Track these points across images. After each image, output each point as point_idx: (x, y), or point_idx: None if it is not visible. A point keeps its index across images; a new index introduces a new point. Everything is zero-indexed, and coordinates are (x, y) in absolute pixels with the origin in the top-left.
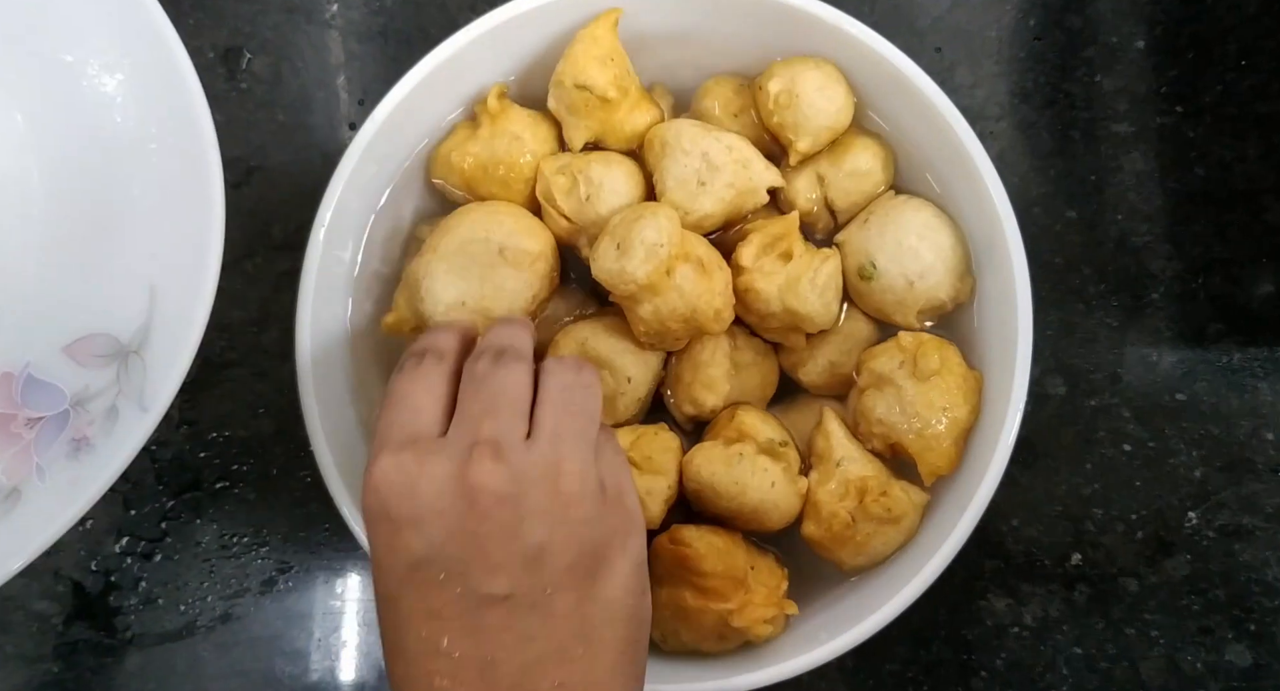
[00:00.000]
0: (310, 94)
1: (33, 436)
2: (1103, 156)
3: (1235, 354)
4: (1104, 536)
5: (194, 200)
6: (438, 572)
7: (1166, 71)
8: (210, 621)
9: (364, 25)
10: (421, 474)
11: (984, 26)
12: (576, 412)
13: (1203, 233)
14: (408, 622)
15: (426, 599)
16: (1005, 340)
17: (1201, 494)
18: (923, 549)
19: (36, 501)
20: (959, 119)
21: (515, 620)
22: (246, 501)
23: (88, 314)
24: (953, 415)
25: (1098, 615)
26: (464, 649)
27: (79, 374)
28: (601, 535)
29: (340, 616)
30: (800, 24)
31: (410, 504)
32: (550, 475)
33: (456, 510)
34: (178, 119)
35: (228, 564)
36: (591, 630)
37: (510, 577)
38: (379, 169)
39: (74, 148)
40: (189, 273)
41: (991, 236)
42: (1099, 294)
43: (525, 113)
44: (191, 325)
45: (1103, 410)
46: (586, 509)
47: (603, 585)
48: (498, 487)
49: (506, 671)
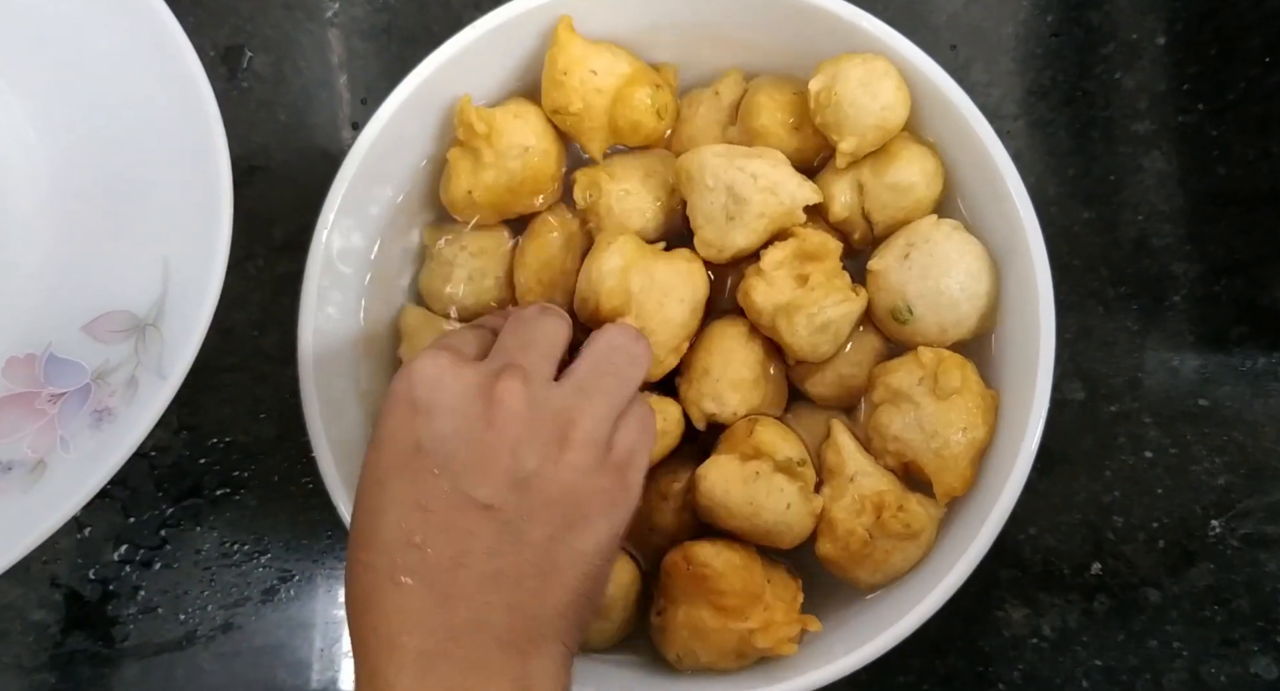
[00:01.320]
0: (312, 93)
1: (56, 411)
2: (1122, 156)
3: (1259, 358)
4: (1124, 545)
5: (202, 171)
6: (434, 464)
7: (1188, 68)
8: (210, 631)
9: (366, 23)
10: (452, 374)
11: (1000, 23)
12: (611, 373)
13: (1225, 233)
14: (389, 508)
15: (415, 487)
16: (1026, 349)
17: (1225, 502)
18: (939, 562)
19: (62, 471)
20: (980, 119)
21: (490, 530)
22: (247, 508)
23: (105, 292)
24: (971, 435)
25: (1118, 626)
26: (436, 546)
27: (99, 350)
28: (590, 492)
29: (343, 626)
30: (815, 21)
31: (432, 394)
32: (564, 417)
33: (472, 413)
34: (182, 99)
35: (228, 572)
36: (552, 567)
37: (497, 490)
38: (384, 169)
39: (82, 133)
40: (201, 244)
41: (1013, 240)
42: (1118, 297)
43: (511, 112)
44: (206, 295)
45: (1123, 416)
46: (584, 460)
47: (576, 534)
48: (515, 406)
49: (467, 578)
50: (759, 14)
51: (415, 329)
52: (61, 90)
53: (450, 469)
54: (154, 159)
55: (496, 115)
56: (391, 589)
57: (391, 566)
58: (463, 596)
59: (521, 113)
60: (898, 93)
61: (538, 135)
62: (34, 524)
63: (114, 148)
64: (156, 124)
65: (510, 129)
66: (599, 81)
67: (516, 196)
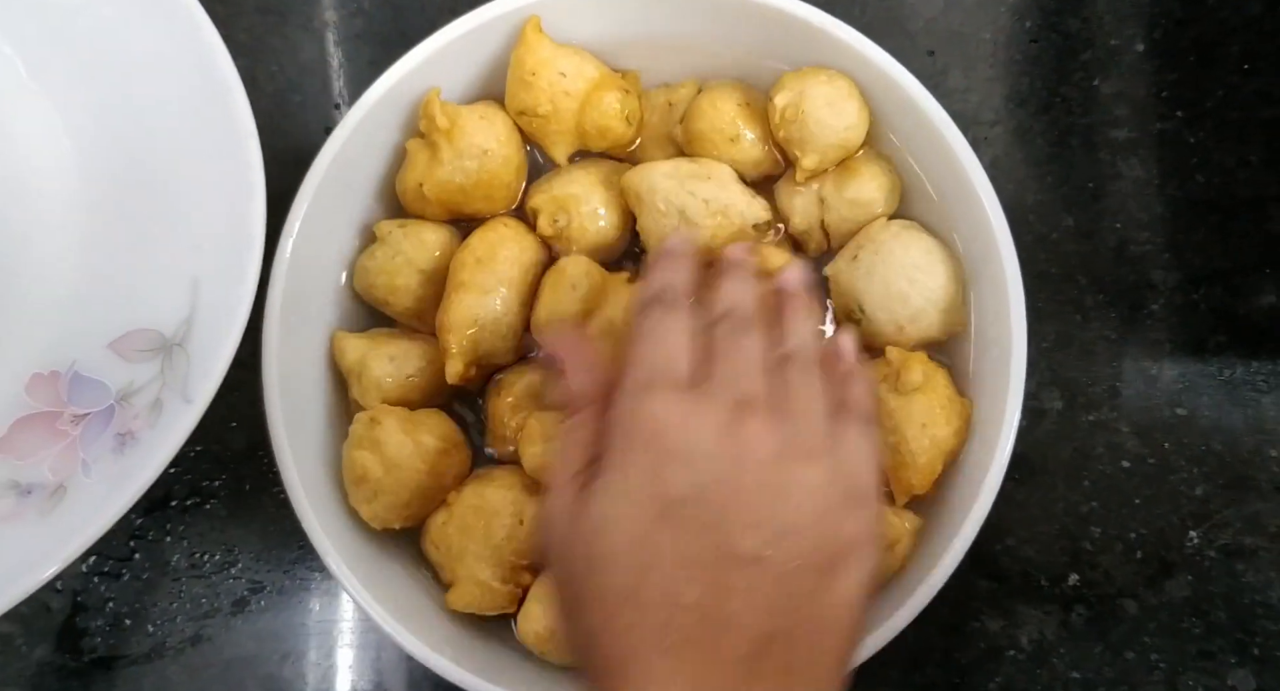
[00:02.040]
0: (286, 98)
1: (78, 433)
2: (1101, 163)
3: (1238, 367)
4: (1102, 556)
5: (235, 190)
6: (698, 516)
7: (1167, 75)
8: (180, 643)
9: (342, 28)
10: (698, 414)
11: (978, 29)
12: (816, 396)
13: (1204, 241)
14: (655, 566)
15: (681, 542)
16: (999, 356)
17: (1203, 512)
18: (914, 573)
19: (82, 497)
20: (949, 125)
21: (762, 585)
22: (218, 518)
23: (132, 310)
24: (932, 433)
25: (1096, 638)
26: (709, 604)
27: (124, 369)
28: (843, 534)
29: (315, 637)
30: (788, 28)
31: (684, 439)
32: (808, 451)
33: (728, 457)
34: (216, 112)
35: (198, 583)
36: (823, 622)
37: (764, 541)
38: (354, 176)
39: (117, 148)
40: (231, 263)
41: (985, 248)
42: (1097, 305)
43: (478, 113)
44: (235, 316)
45: (1101, 425)
46: (837, 494)
47: (839, 581)
48: (769, 447)
49: (740, 639)
50: (730, 21)
51: (358, 361)
52: (97, 102)
53: (712, 522)
54: (188, 176)
55: (462, 113)
56: (657, 655)
57: (661, 625)
58: (737, 661)
59: (488, 115)
60: (860, 113)
61: (500, 140)
62: (51, 552)
63: (148, 164)
64: (192, 142)
65: (473, 129)
66: (567, 84)
67: (468, 198)
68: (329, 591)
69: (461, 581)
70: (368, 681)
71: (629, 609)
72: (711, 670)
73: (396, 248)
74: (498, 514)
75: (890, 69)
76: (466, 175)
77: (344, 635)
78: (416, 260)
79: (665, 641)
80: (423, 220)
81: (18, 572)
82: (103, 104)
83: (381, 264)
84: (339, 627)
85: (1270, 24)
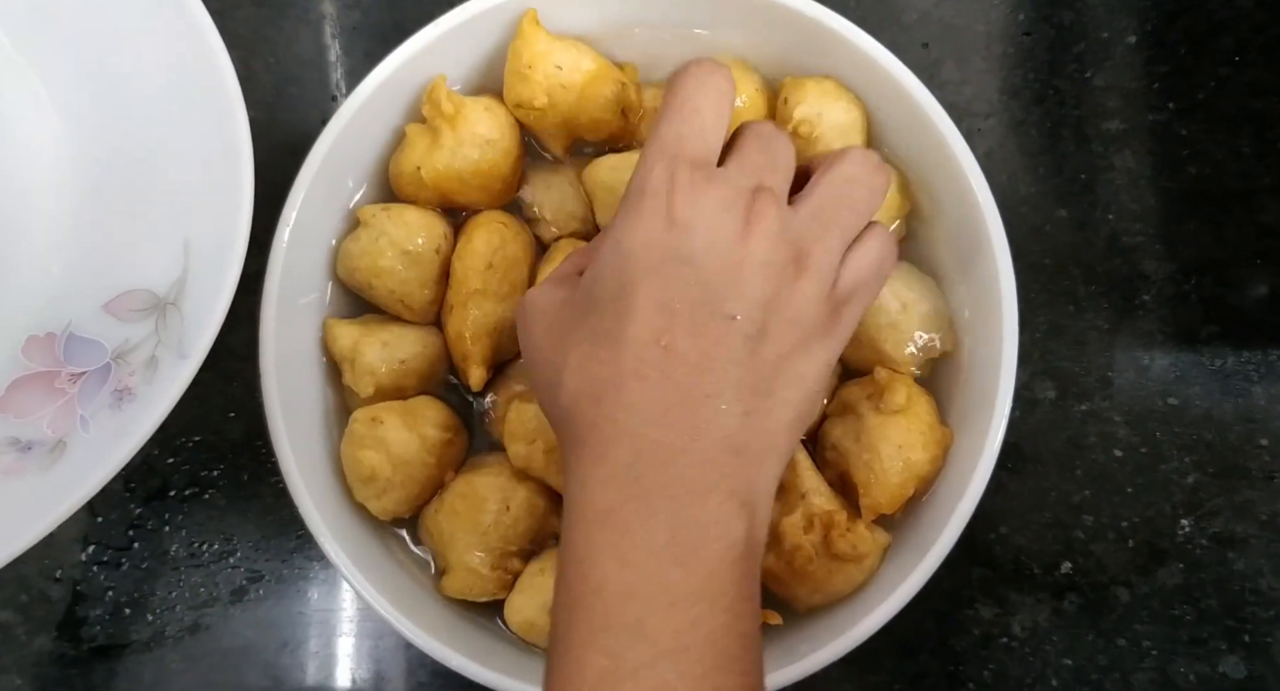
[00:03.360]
0: (282, 90)
1: (76, 391)
2: (1093, 154)
3: (1229, 357)
4: (1094, 544)
5: (223, 152)
6: (688, 273)
7: (1158, 67)
8: (179, 632)
9: (339, 19)
10: (708, 191)
11: (972, 21)
12: (849, 207)
13: (1196, 233)
14: (639, 310)
15: (667, 289)
16: (990, 346)
17: (1194, 501)
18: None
19: (82, 451)
20: (944, 117)
21: (733, 340)
22: (216, 508)
23: (125, 272)
24: (907, 456)
25: (1088, 625)
26: (683, 347)
27: (119, 328)
28: (814, 319)
29: (313, 626)
30: (781, 19)
31: (692, 210)
32: (802, 244)
33: (727, 229)
34: (202, 78)
35: (197, 572)
36: (780, 385)
37: (743, 305)
38: (348, 166)
39: (103, 113)
40: (222, 224)
41: (977, 239)
42: (1089, 295)
43: (482, 104)
44: (226, 274)
45: (1093, 414)
46: (814, 289)
47: (800, 357)
48: (769, 228)
49: (708, 381)
50: (724, 12)
51: (350, 348)
52: (83, 71)
53: (703, 279)
54: (175, 140)
55: (467, 102)
56: (634, 382)
57: (637, 361)
58: (704, 397)
59: (493, 108)
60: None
61: (503, 133)
62: (54, 504)
63: (135, 128)
64: (178, 105)
65: (477, 119)
66: (564, 77)
67: (465, 186)
68: (327, 580)
69: (454, 568)
70: (366, 670)
71: (609, 346)
72: (681, 401)
73: (380, 229)
74: (485, 501)
75: (885, 61)
76: (467, 163)
77: (342, 624)
78: (400, 241)
79: (641, 370)
80: (407, 204)
81: (22, 525)
82: (89, 73)
83: (364, 246)
84: (337, 616)
85: (1261, 16)
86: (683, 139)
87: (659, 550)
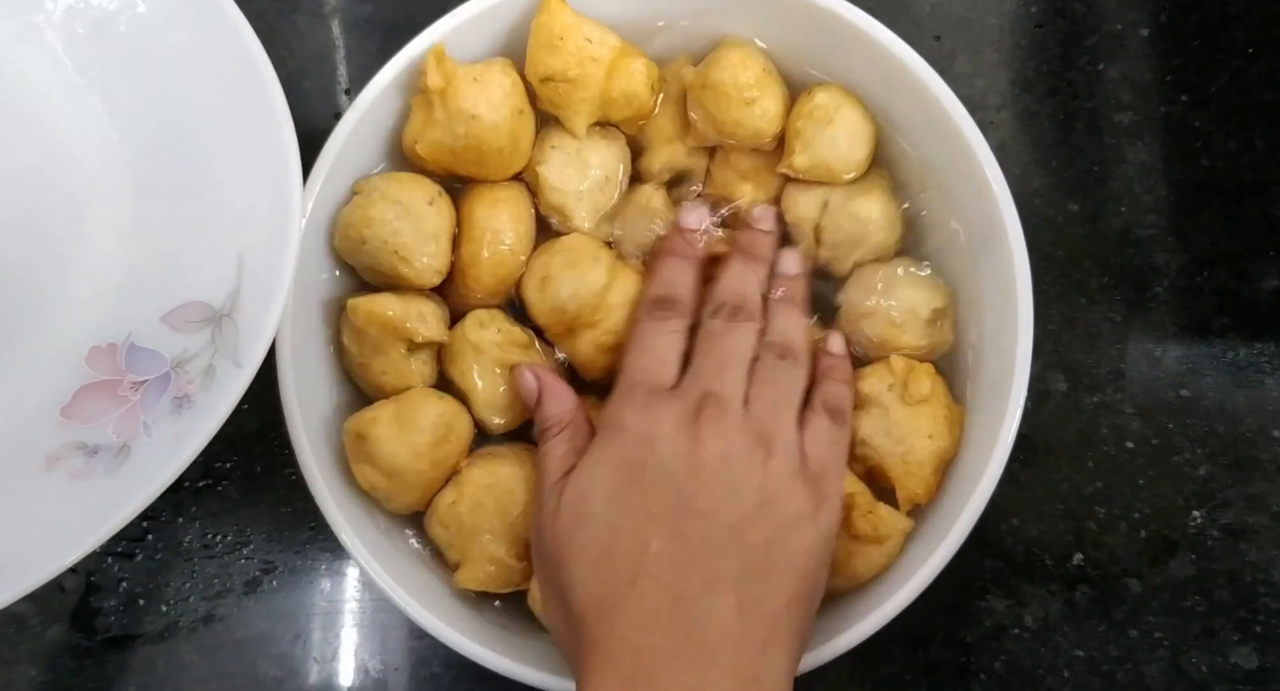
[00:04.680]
0: (295, 84)
1: (138, 398)
2: (1106, 147)
3: (1241, 349)
4: (1106, 536)
5: (273, 170)
6: (659, 480)
7: (1171, 59)
8: (193, 622)
9: (351, 13)
10: (662, 412)
11: (984, 13)
12: (783, 389)
13: (1208, 225)
14: (627, 522)
15: (645, 501)
16: (1004, 339)
17: (1206, 492)
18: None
19: (146, 454)
20: (959, 108)
21: (712, 533)
22: (230, 499)
23: (182, 286)
24: (938, 444)
25: (1100, 616)
26: (669, 551)
27: (177, 339)
28: (795, 495)
29: (326, 617)
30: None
31: (654, 427)
32: (762, 437)
33: (684, 438)
34: (251, 99)
35: (210, 564)
36: (773, 567)
37: (713, 497)
38: (363, 160)
39: (157, 135)
40: (274, 237)
41: (993, 232)
42: (1101, 287)
43: (470, 74)
44: (278, 287)
45: (1105, 406)
46: (785, 466)
47: (790, 536)
48: (720, 429)
49: (698, 579)
50: (735, 4)
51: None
52: (141, 93)
53: (676, 486)
54: (228, 161)
55: (458, 73)
56: (630, 592)
57: (631, 572)
58: (695, 597)
59: (483, 78)
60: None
61: (492, 105)
62: (120, 505)
63: (190, 148)
64: (231, 128)
65: (464, 93)
66: (594, 50)
67: (457, 160)
68: (339, 571)
69: (473, 560)
70: (378, 660)
71: (607, 559)
72: (674, 604)
73: (372, 187)
74: (511, 492)
75: (899, 51)
76: (455, 138)
77: (354, 615)
78: (391, 194)
79: (636, 580)
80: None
81: (92, 525)
82: (146, 96)
83: (356, 203)
84: (349, 607)
85: (1275, 8)
86: (646, 370)
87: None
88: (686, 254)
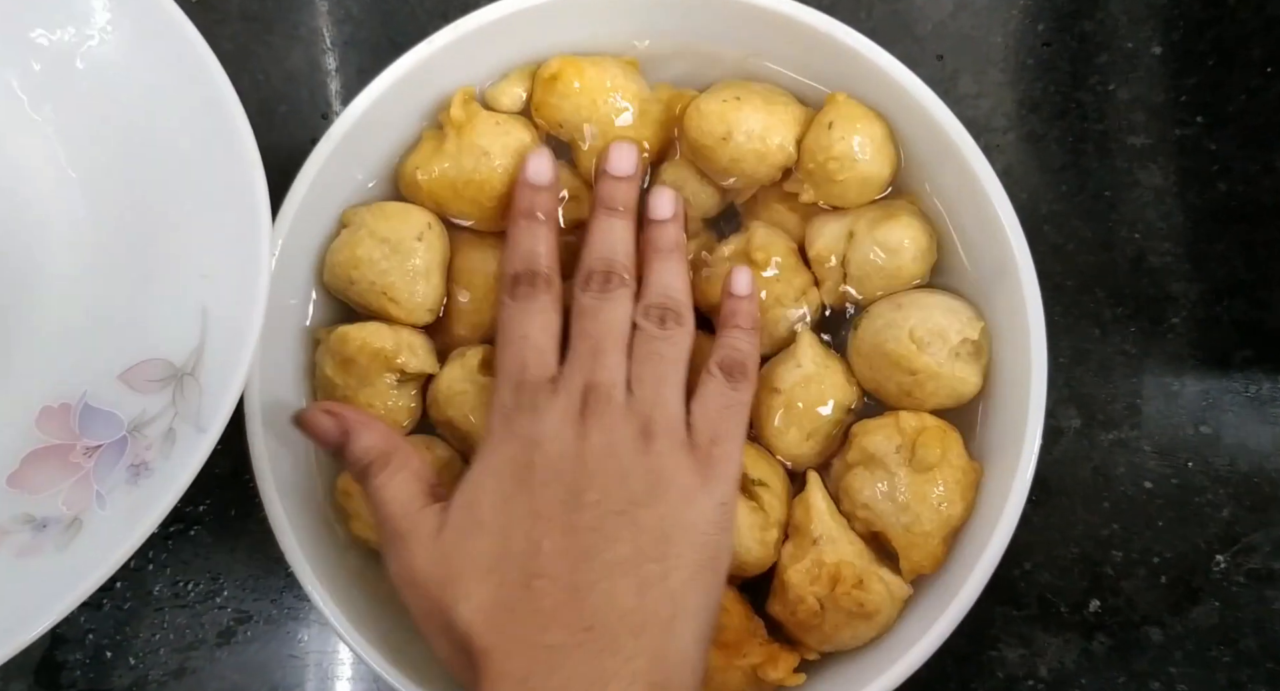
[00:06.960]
0: (272, 108)
1: (91, 465)
2: (1118, 170)
3: (1264, 382)
4: (1124, 581)
5: (240, 217)
6: (547, 478)
7: (1186, 79)
8: (163, 676)
9: (329, 36)
10: (545, 412)
11: (989, 32)
12: (664, 363)
13: (1226, 252)
14: (517, 525)
15: (533, 499)
16: (1017, 375)
17: (1230, 535)
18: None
19: (98, 529)
20: (961, 132)
21: (603, 522)
22: (202, 545)
23: (141, 341)
24: (946, 513)
25: (1119, 667)
26: (561, 546)
27: (135, 400)
28: (683, 470)
29: (304, 670)
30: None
31: (536, 426)
32: (646, 420)
33: (571, 435)
34: (220, 143)
35: (181, 613)
36: (669, 544)
37: (599, 488)
38: (338, 190)
39: (118, 179)
40: (240, 291)
41: (1002, 261)
42: (1115, 318)
43: (493, 119)
44: (245, 343)
45: (1121, 444)
46: (669, 445)
47: (681, 511)
48: (603, 422)
49: (594, 568)
50: (733, 27)
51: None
52: (101, 134)
53: (563, 482)
54: (193, 206)
55: (481, 114)
56: (524, 594)
57: (525, 574)
58: (591, 585)
59: (505, 124)
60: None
61: (506, 151)
62: (71, 585)
63: (152, 193)
64: (197, 172)
65: (482, 131)
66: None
67: (455, 196)
68: (319, 621)
69: None
70: None
71: (498, 566)
72: (571, 596)
73: (359, 223)
74: None
75: (898, 75)
76: (461, 172)
77: (335, 667)
78: (378, 230)
79: (529, 581)
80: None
81: (40, 607)
82: (107, 137)
83: (344, 240)
84: (330, 659)
85: None
86: (522, 365)
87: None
88: (536, 213)
